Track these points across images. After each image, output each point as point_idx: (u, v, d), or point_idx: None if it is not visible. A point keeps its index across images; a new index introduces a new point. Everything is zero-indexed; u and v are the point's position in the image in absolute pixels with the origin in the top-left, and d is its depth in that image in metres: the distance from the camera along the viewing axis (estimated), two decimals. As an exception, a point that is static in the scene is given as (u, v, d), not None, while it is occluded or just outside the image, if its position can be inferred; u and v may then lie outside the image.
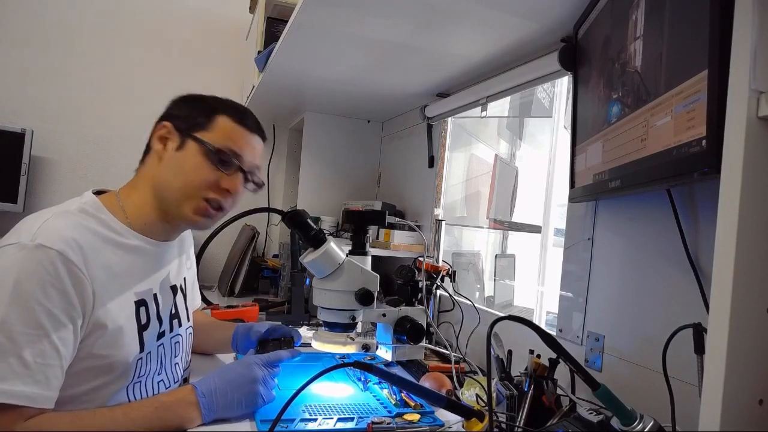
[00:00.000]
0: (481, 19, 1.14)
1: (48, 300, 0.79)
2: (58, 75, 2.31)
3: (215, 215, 1.00)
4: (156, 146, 0.99)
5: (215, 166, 0.96)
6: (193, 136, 0.96)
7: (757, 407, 0.51)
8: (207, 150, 0.95)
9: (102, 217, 0.93)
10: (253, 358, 0.99)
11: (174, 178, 0.96)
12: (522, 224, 2.59)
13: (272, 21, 1.89)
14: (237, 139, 0.99)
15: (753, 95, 0.50)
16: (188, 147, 0.96)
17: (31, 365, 0.77)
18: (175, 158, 0.97)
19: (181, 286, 1.12)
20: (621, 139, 0.85)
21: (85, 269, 0.83)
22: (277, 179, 2.66)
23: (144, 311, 0.96)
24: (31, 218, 0.87)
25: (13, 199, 2.09)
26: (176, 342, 1.07)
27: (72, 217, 0.89)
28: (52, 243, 0.81)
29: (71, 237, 0.84)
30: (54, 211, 0.90)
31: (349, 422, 0.93)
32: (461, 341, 1.37)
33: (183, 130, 0.97)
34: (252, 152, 1.01)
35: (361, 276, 1.10)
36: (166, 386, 1.02)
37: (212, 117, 0.98)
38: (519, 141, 2.73)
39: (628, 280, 1.00)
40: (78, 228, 0.87)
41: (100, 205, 0.94)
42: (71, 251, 0.82)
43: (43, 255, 0.80)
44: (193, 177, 0.95)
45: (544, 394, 0.92)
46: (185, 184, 0.96)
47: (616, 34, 0.89)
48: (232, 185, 0.98)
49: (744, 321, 0.50)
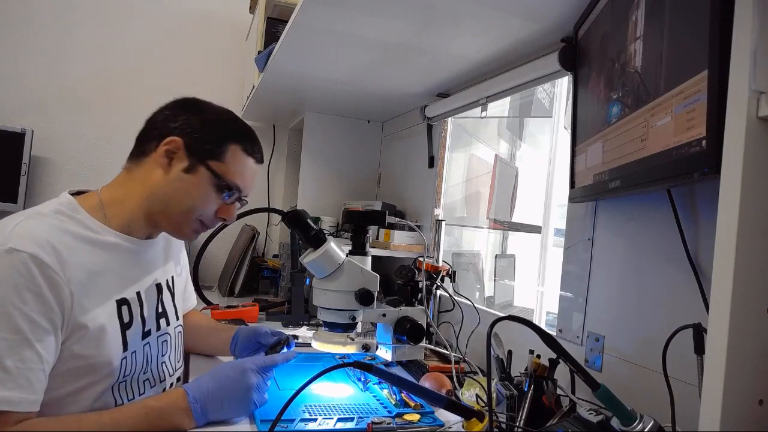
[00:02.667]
0: (481, 20, 1.14)
1: (24, 304, 0.78)
2: (58, 75, 2.32)
3: (202, 232, 1.06)
4: (160, 159, 0.97)
5: (220, 196, 1.00)
6: (206, 163, 0.98)
7: (757, 407, 0.51)
8: (218, 183, 0.99)
9: (78, 217, 0.92)
10: (247, 362, 0.97)
11: (179, 198, 0.98)
12: (522, 224, 2.59)
13: (272, 21, 1.89)
14: (245, 173, 1.02)
15: (753, 95, 0.50)
16: (199, 173, 0.98)
17: (12, 370, 0.76)
18: (183, 180, 0.97)
19: (168, 284, 1.11)
20: (621, 140, 0.85)
21: (60, 271, 0.82)
22: (277, 179, 2.66)
23: (126, 310, 0.95)
24: (3, 222, 0.86)
25: (13, 199, 2.09)
26: (164, 341, 1.06)
27: (45, 219, 0.88)
28: (24, 246, 0.80)
29: (44, 239, 0.83)
30: (27, 213, 0.89)
31: (349, 422, 0.93)
32: (461, 341, 1.37)
33: (194, 153, 0.97)
34: (253, 183, 1.06)
35: (361, 276, 1.10)
36: (152, 385, 1.01)
37: (225, 146, 0.99)
38: (519, 141, 2.73)
39: (628, 280, 1.00)
40: (51, 230, 0.86)
41: (76, 205, 0.93)
42: (44, 253, 0.81)
43: (16, 259, 0.79)
44: (198, 203, 0.99)
45: (544, 394, 0.92)
46: (190, 208, 0.99)
47: (616, 34, 0.89)
48: (229, 214, 1.04)
49: (744, 321, 0.50)
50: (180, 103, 1.03)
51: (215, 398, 0.91)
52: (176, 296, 1.14)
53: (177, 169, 0.97)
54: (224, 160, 0.99)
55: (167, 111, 1.02)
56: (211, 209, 1.01)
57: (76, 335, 0.85)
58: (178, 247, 1.20)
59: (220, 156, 0.99)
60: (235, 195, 1.02)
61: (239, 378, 0.94)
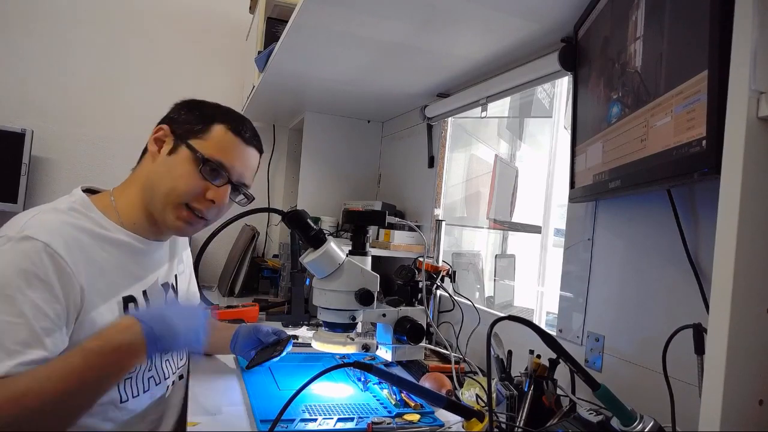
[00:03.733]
0: (481, 20, 1.14)
1: (31, 289, 0.79)
2: (58, 75, 2.31)
3: (197, 223, 1.00)
4: (151, 147, 1.00)
5: (203, 176, 0.96)
6: (186, 142, 0.96)
7: (757, 407, 0.51)
8: (197, 158, 0.95)
9: (91, 215, 0.94)
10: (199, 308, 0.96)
11: (162, 181, 0.97)
12: (522, 224, 2.59)
13: (272, 21, 1.89)
14: (230, 150, 0.98)
15: (753, 95, 0.50)
16: (180, 152, 0.97)
17: (12, 353, 0.76)
18: (166, 162, 0.97)
19: (173, 285, 1.12)
20: (621, 140, 0.85)
21: (71, 262, 0.83)
22: (277, 179, 2.66)
23: (133, 308, 0.96)
24: (20, 215, 0.89)
25: (13, 199, 2.09)
26: None
27: (60, 215, 0.90)
28: (38, 235, 0.81)
29: (58, 233, 0.84)
30: (42, 208, 0.91)
31: (349, 422, 0.93)
32: (461, 341, 1.37)
33: (179, 135, 0.98)
34: (243, 165, 1.01)
35: (361, 276, 1.10)
36: (156, 383, 1.02)
37: (209, 125, 0.98)
38: (519, 141, 2.73)
39: (628, 281, 1.00)
40: (65, 225, 0.88)
41: (90, 203, 0.95)
42: (57, 244, 0.82)
43: (29, 246, 0.80)
44: (179, 183, 0.96)
45: (544, 394, 0.92)
46: (172, 190, 0.96)
47: (616, 34, 0.89)
48: (218, 196, 0.98)
49: (744, 321, 0.50)
50: (179, 103, 1.05)
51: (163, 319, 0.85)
52: (180, 295, 1.14)
53: (163, 154, 0.98)
54: (207, 138, 0.97)
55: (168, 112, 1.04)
56: (196, 190, 0.96)
57: (84, 329, 0.85)
58: (181, 245, 1.21)
59: (202, 134, 0.97)
60: (222, 175, 0.97)
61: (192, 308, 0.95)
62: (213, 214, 1.02)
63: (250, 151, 1.02)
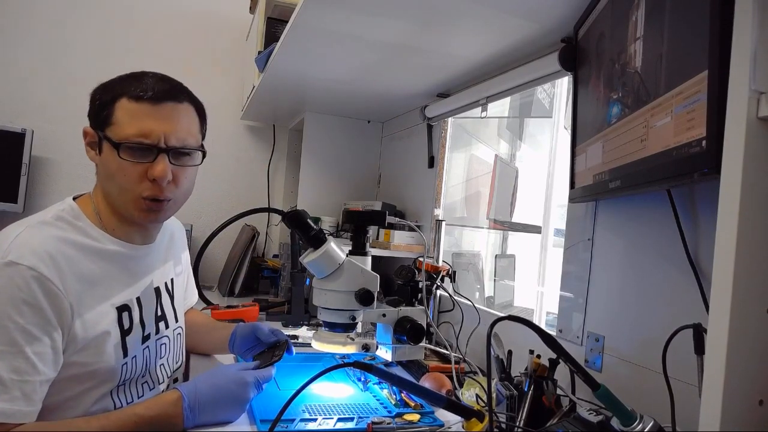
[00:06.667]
0: (481, 20, 1.14)
1: (21, 316, 0.78)
2: (58, 75, 2.31)
3: (160, 207, 0.93)
4: (89, 155, 0.95)
5: (132, 160, 0.88)
6: (104, 135, 0.89)
7: (757, 407, 0.51)
8: (114, 145, 0.88)
9: (79, 225, 0.91)
10: (249, 376, 0.95)
11: (109, 185, 0.92)
12: (522, 224, 2.59)
13: (272, 21, 1.89)
14: (140, 119, 0.88)
15: (753, 95, 0.50)
16: (105, 149, 0.90)
17: (7, 382, 0.76)
18: (101, 164, 0.92)
19: (168, 287, 1.10)
20: (621, 140, 0.85)
21: (59, 283, 0.82)
22: (277, 179, 2.66)
23: (127, 316, 0.95)
24: (5, 232, 0.85)
25: (13, 199, 2.09)
26: (162, 344, 1.06)
27: (47, 229, 0.87)
28: (24, 259, 0.79)
29: (44, 251, 0.82)
30: (29, 222, 0.88)
31: (349, 422, 0.93)
32: (461, 341, 1.37)
33: (97, 131, 0.91)
34: (162, 126, 0.89)
35: (361, 276, 1.10)
36: (150, 388, 1.02)
37: (113, 106, 0.89)
38: (519, 141, 2.73)
39: (628, 281, 1.00)
40: (51, 240, 0.85)
41: (79, 212, 0.93)
42: (44, 266, 0.80)
43: (14, 272, 0.78)
44: (120, 179, 0.89)
45: (544, 394, 0.92)
46: (118, 189, 0.91)
47: (616, 34, 0.89)
48: (157, 172, 0.88)
49: (744, 321, 0.50)
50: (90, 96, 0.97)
51: (210, 408, 0.89)
52: (175, 298, 1.13)
53: (97, 157, 0.94)
54: (115, 121, 0.89)
55: None
56: (135, 178, 0.89)
57: (77, 345, 0.85)
58: (180, 246, 1.20)
59: (110, 119, 0.89)
60: (146, 150, 0.88)
61: (239, 391, 0.92)
62: (171, 191, 0.93)
63: (165, 107, 0.90)
